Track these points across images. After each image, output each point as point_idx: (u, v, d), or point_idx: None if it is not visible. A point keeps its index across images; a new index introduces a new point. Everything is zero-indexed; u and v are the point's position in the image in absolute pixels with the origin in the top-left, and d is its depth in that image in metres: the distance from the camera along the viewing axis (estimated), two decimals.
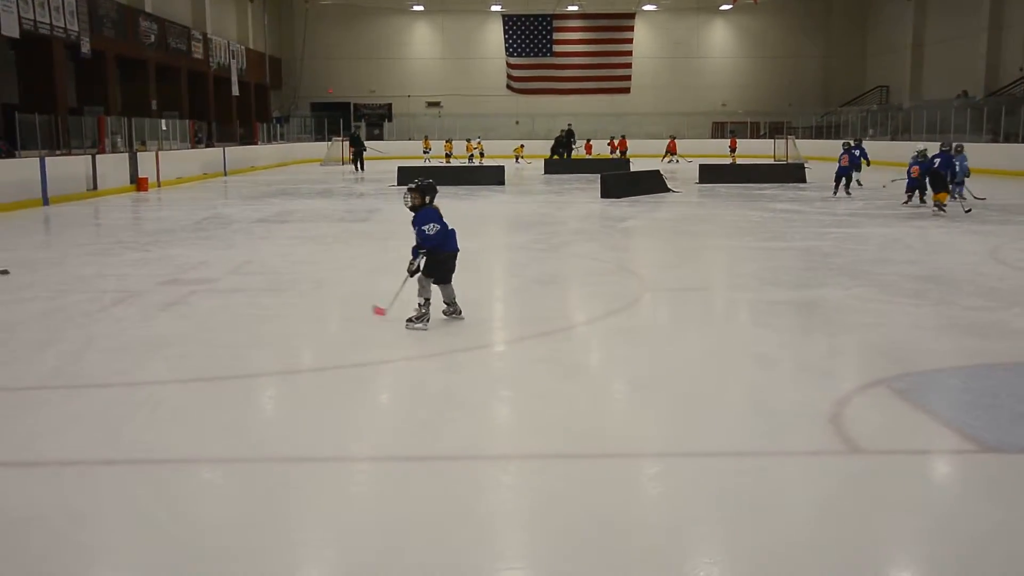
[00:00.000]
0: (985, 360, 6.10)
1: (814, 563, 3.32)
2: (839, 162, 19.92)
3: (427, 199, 6.94)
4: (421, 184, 6.98)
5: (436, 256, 6.90)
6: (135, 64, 29.29)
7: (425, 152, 37.02)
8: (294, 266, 10.23)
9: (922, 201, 17.11)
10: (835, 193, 19.59)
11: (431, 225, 6.83)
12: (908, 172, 17.23)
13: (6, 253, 9.53)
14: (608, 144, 38.40)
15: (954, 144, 17.36)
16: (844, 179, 19.88)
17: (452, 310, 7.19)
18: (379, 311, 6.88)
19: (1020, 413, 4.92)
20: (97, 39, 25.90)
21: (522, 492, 4.05)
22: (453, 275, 7.09)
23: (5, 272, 9.27)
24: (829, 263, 10.27)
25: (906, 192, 17.34)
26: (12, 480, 4.12)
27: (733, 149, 38.22)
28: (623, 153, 36.66)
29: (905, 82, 41.77)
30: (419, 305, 6.93)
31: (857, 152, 20.43)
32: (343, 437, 4.68)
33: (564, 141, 35.16)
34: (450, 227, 6.99)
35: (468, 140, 37.21)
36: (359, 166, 32.98)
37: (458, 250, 7.08)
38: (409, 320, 6.91)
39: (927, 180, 16.36)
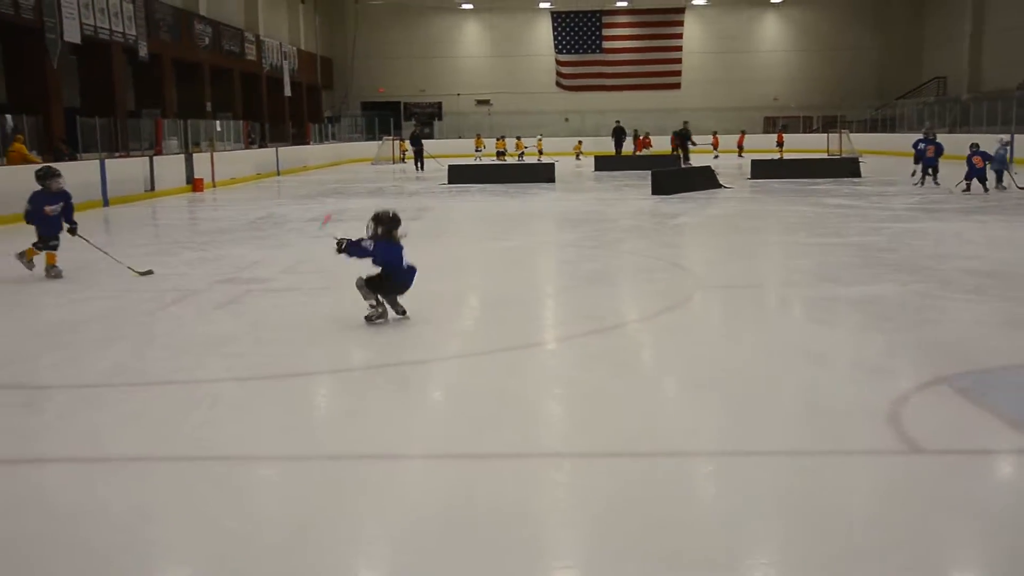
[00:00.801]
0: None
1: (873, 565, 3.25)
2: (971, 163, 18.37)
3: (380, 230, 6.87)
4: (378, 214, 6.95)
5: (387, 278, 6.91)
6: (190, 66, 29.83)
7: (477, 151, 37.01)
8: (347, 265, 10.30)
9: (985, 190, 17.87)
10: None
11: (369, 241, 6.78)
12: (969, 161, 17.94)
13: (69, 253, 9.74)
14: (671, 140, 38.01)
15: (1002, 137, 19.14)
16: (931, 169, 19.96)
17: (398, 309, 7.11)
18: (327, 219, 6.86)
19: None
20: (154, 43, 26.43)
21: (575, 490, 4.04)
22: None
23: (150, 272, 9.49)
24: (886, 259, 10.08)
25: (965, 180, 18.04)
26: (77, 475, 4.22)
27: (780, 144, 37.80)
28: (674, 150, 36.31)
29: (964, 73, 40.82)
30: (371, 305, 6.94)
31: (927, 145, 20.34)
32: (396, 435, 4.71)
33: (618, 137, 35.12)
34: (409, 263, 7.00)
35: (518, 138, 37.25)
36: (420, 165, 32.58)
37: (408, 286, 7.04)
38: (367, 318, 6.93)
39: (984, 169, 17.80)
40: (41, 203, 9.44)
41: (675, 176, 21.32)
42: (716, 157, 34.21)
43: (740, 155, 35.21)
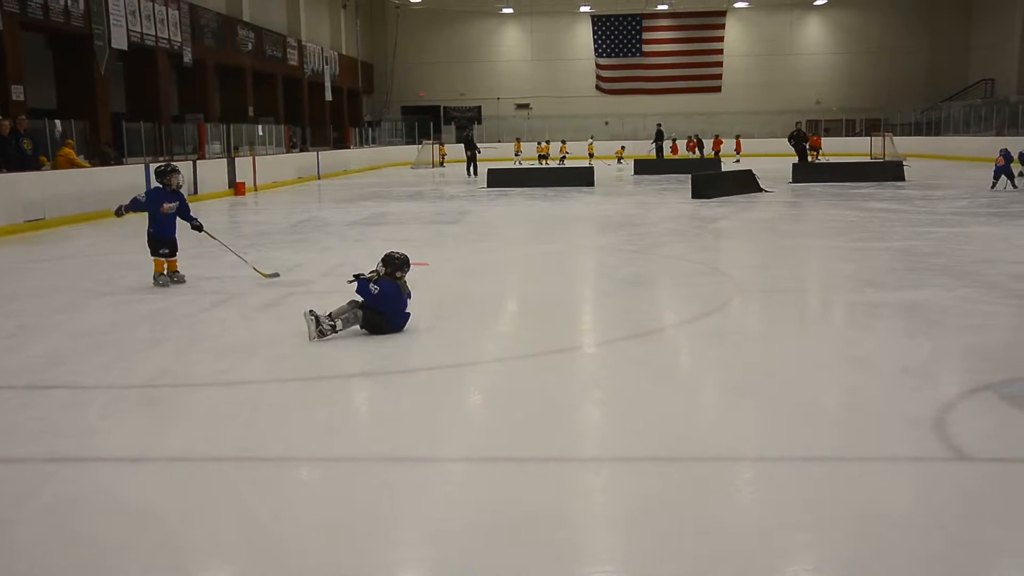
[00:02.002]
0: None
1: (916, 574, 3.22)
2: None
3: (387, 271, 6.90)
4: (388, 256, 6.98)
5: (378, 318, 6.86)
6: (233, 72, 30.24)
7: (516, 155, 37.01)
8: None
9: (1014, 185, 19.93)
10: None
11: (375, 286, 6.77)
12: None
13: (117, 256, 9.93)
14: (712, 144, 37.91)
15: None
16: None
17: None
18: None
19: None
20: (198, 48, 26.82)
21: (615, 495, 4.04)
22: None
23: (276, 275, 9.61)
24: (931, 263, 9.95)
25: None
26: (125, 475, 4.29)
27: (815, 147, 37.24)
28: (716, 153, 36.14)
29: (1013, 74, 40.11)
30: (334, 321, 6.79)
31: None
32: (437, 437, 4.74)
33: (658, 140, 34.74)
34: (407, 310, 6.98)
35: (563, 142, 37.33)
36: (472, 170, 30.91)
37: (399, 330, 6.96)
38: (321, 332, 6.74)
39: None
40: (159, 200, 9.29)
41: (715, 180, 21.17)
42: (737, 161, 33.82)
43: (738, 160, 34.86)
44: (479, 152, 31.75)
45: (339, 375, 6.02)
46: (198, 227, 9.51)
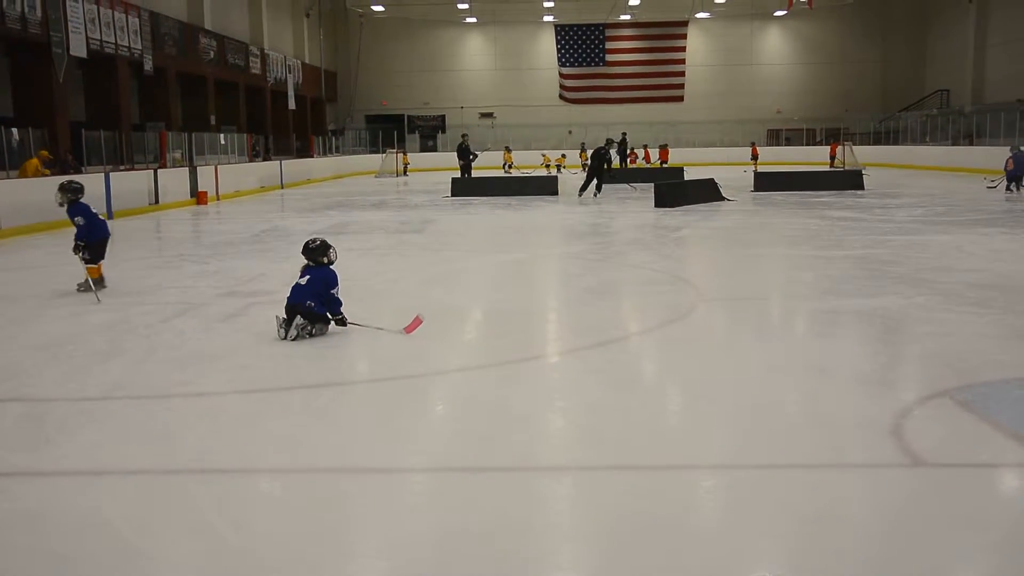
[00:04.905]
0: None
1: None
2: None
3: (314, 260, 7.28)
4: (304, 247, 7.36)
5: (318, 315, 7.14)
6: (195, 80, 29.95)
7: (506, 166, 36.06)
8: (350, 278, 10.29)
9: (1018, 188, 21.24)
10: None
11: (337, 289, 7.17)
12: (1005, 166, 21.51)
13: (73, 267, 9.76)
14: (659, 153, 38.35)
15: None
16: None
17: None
18: (415, 323, 7.01)
19: None
20: (159, 56, 26.55)
21: (578, 504, 4.04)
22: None
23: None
24: (889, 271, 10.08)
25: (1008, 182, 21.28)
26: (77, 488, 4.21)
27: (755, 157, 37.64)
28: (661, 163, 36.61)
29: (967, 85, 40.88)
30: (301, 327, 7.01)
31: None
32: (399, 448, 4.70)
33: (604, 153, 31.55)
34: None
35: (544, 153, 37.43)
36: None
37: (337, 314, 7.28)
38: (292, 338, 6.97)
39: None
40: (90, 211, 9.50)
41: (678, 189, 21.31)
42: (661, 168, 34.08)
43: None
44: (475, 158, 29.17)
45: (301, 385, 5.96)
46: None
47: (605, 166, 22.94)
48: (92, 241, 9.30)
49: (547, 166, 36.48)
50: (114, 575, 3.35)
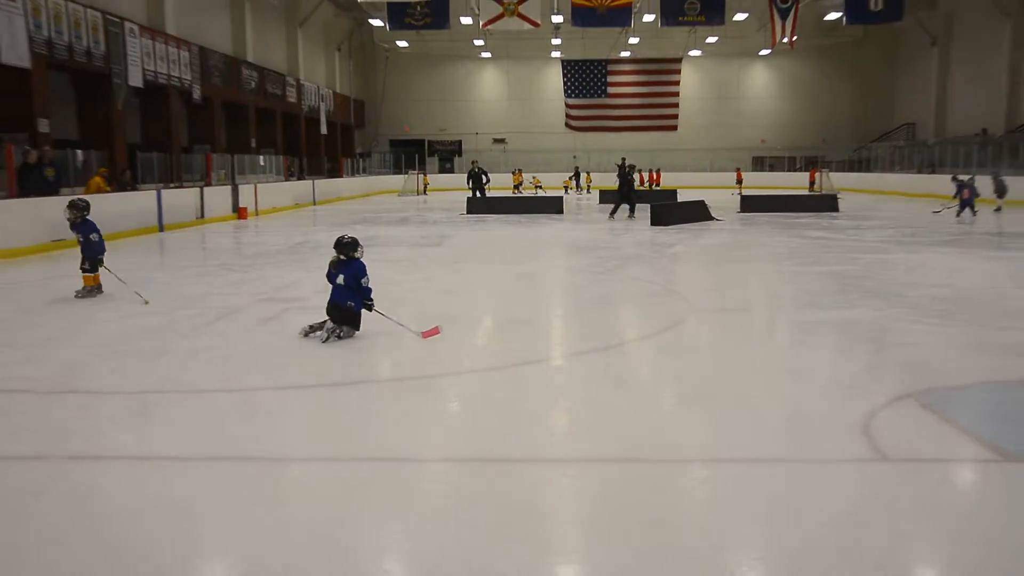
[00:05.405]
0: (1009, 376, 5.91)
1: (845, 562, 3.25)
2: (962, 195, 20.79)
3: (345, 254, 7.25)
4: (338, 242, 7.29)
5: (351, 314, 7.16)
6: (238, 107, 30.07)
7: (516, 187, 36.32)
8: (375, 286, 10.36)
9: (973, 214, 20.54)
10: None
11: (367, 279, 7.18)
12: (960, 194, 20.53)
13: (128, 274, 9.82)
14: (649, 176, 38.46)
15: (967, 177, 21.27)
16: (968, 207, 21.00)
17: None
18: (433, 331, 7.02)
19: None
20: (206, 86, 26.69)
21: (579, 493, 4.04)
22: None
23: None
24: (861, 286, 10.05)
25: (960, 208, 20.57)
26: (128, 473, 4.24)
27: (739, 181, 38.17)
28: (652, 186, 36.82)
29: (930, 119, 40.80)
30: (332, 331, 7.04)
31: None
32: (418, 440, 4.72)
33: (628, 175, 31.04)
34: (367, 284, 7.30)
35: (535, 176, 37.45)
36: None
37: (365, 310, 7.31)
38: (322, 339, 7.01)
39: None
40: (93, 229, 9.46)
41: (672, 209, 21.31)
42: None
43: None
44: (488, 182, 28.26)
45: (329, 383, 5.98)
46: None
47: (629, 186, 22.76)
48: (100, 254, 9.43)
49: (538, 187, 36.63)
50: (155, 553, 3.37)
